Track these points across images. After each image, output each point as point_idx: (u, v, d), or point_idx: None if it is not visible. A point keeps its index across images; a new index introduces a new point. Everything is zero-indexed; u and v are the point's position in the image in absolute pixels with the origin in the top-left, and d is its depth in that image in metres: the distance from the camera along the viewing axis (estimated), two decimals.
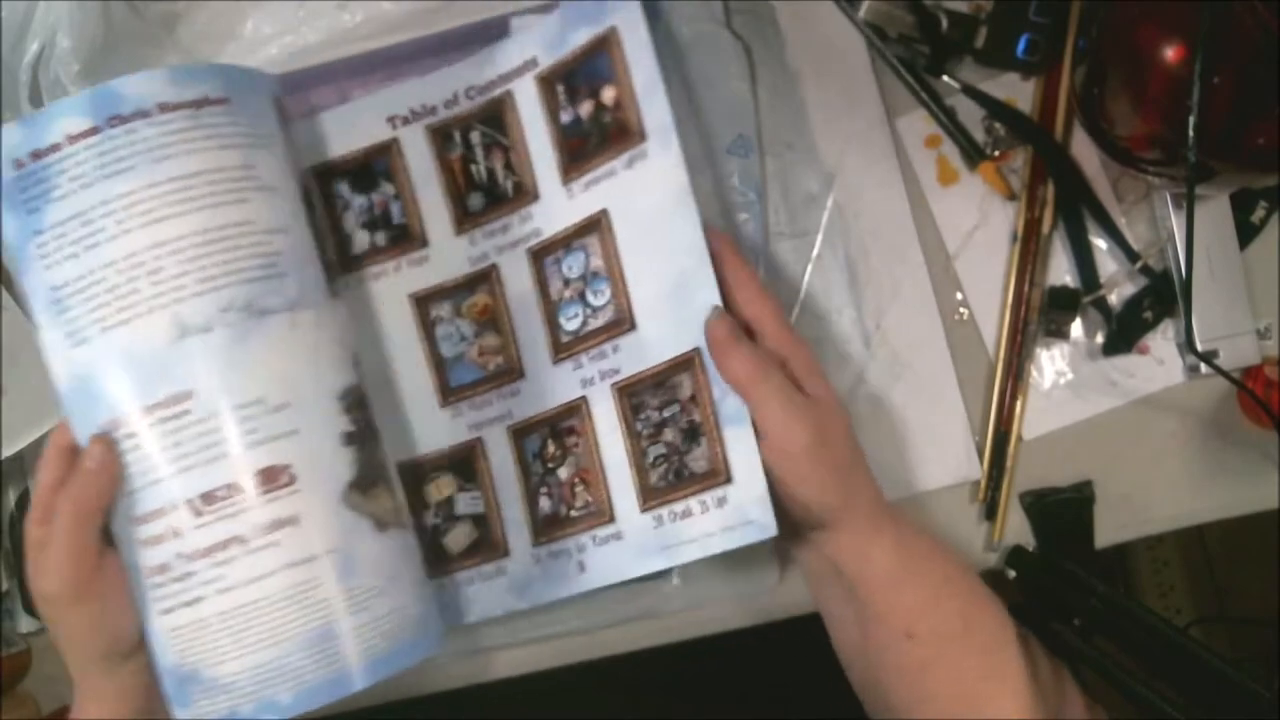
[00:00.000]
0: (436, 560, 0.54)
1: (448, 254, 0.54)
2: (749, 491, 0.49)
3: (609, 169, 0.51)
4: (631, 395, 0.51)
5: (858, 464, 0.46)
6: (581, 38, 0.51)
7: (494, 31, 0.55)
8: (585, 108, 0.51)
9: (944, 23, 0.52)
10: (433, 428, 0.54)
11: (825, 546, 0.46)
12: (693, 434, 0.50)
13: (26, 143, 0.44)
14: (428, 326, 0.54)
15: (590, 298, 0.52)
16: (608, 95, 0.51)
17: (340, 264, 0.54)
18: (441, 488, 0.54)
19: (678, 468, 0.51)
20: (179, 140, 0.43)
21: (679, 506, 0.50)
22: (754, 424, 0.46)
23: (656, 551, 0.51)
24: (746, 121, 0.54)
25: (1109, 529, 0.54)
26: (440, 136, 0.54)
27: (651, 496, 0.51)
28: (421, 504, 0.54)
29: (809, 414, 0.44)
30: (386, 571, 0.46)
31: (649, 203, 0.50)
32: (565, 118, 0.52)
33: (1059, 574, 0.52)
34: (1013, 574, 0.54)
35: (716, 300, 0.48)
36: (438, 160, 0.54)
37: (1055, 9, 0.52)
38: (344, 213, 0.55)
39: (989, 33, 0.52)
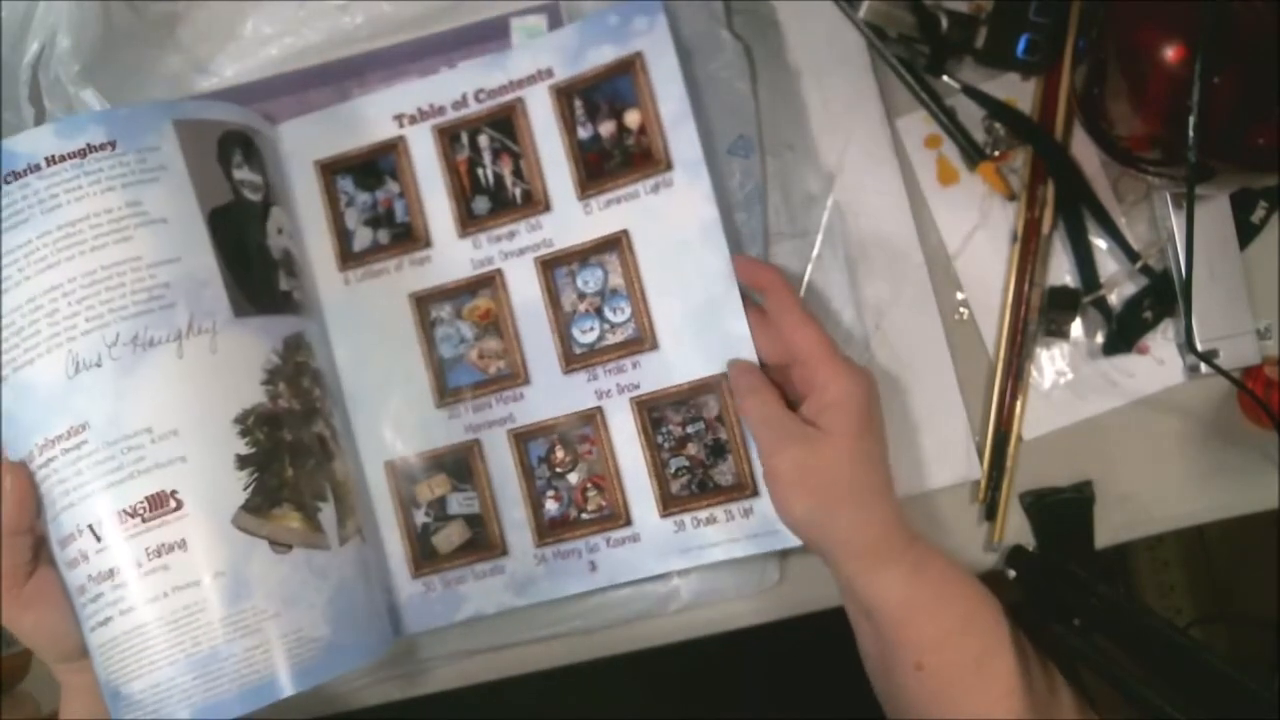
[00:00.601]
0: (425, 558, 0.54)
1: (450, 256, 0.54)
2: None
3: (631, 191, 0.52)
4: (652, 410, 0.52)
5: (855, 497, 0.46)
6: (604, 56, 0.52)
7: (494, 31, 0.55)
8: (606, 127, 0.52)
9: (944, 23, 0.52)
10: (428, 427, 0.54)
11: (835, 570, 0.47)
12: (719, 450, 0.52)
13: None
14: (427, 327, 0.54)
15: (609, 314, 0.53)
16: (631, 119, 0.52)
17: (341, 259, 0.55)
18: (434, 487, 0.54)
19: (701, 479, 0.52)
20: (65, 189, 0.46)
21: (703, 514, 0.52)
22: None
23: (676, 553, 0.52)
24: (747, 121, 0.54)
25: (1109, 529, 0.54)
26: (447, 137, 0.54)
27: (672, 504, 0.52)
28: (412, 502, 0.54)
29: (794, 444, 0.46)
30: (284, 594, 0.46)
31: (675, 230, 0.51)
32: (583, 133, 0.52)
33: (1059, 574, 0.52)
34: (1013, 574, 0.54)
35: (744, 329, 0.51)
36: (444, 161, 0.54)
37: (1055, 9, 0.52)
38: (347, 208, 0.55)
39: (989, 33, 0.52)
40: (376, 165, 0.55)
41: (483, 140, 0.53)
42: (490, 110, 0.53)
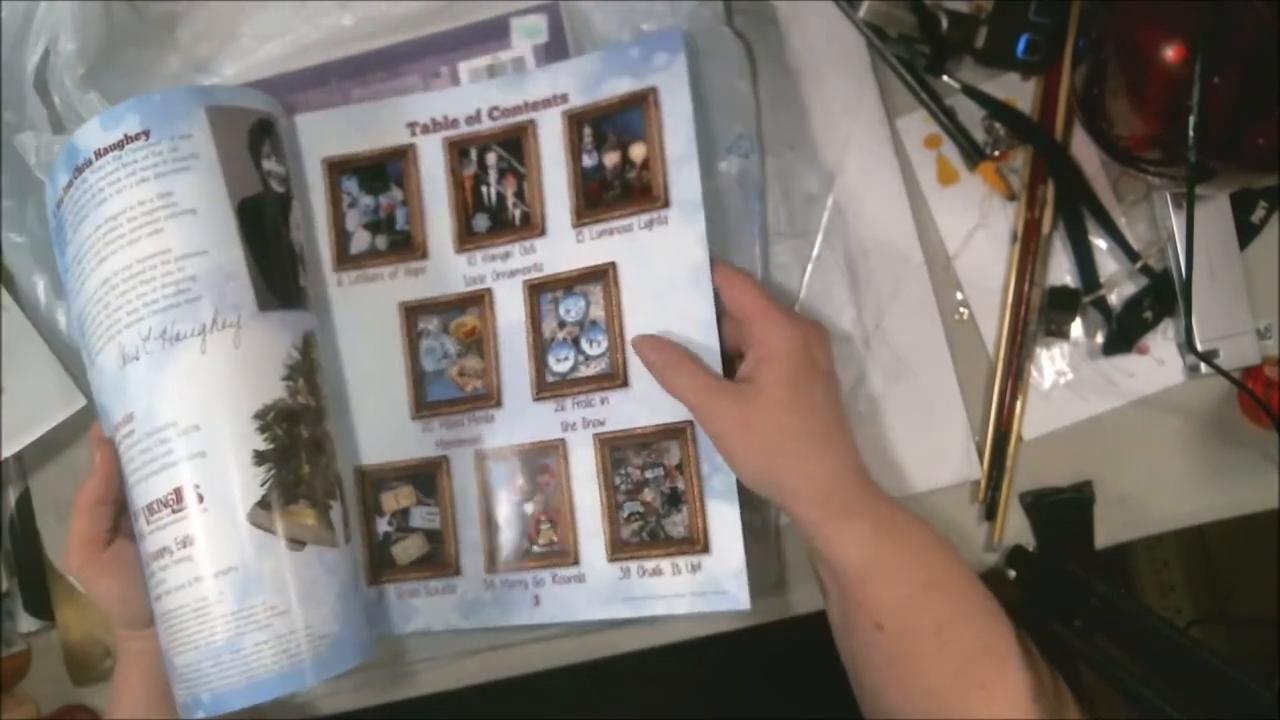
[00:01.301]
0: (382, 566, 0.54)
1: (445, 270, 0.54)
2: (726, 564, 0.50)
3: (625, 224, 0.51)
4: (614, 449, 0.52)
5: (801, 446, 0.46)
6: (620, 86, 0.51)
7: (493, 31, 0.55)
8: (610, 158, 0.51)
9: (944, 23, 0.52)
10: (401, 437, 0.54)
11: (797, 524, 0.47)
12: (674, 500, 0.51)
13: (52, 197, 0.50)
14: (413, 338, 0.54)
15: (585, 345, 0.52)
16: (636, 152, 0.51)
17: (336, 260, 0.54)
18: (400, 497, 0.54)
19: (653, 528, 0.51)
20: (108, 182, 0.47)
21: (649, 564, 0.51)
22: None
23: (619, 601, 0.51)
24: (747, 121, 0.54)
25: (1109, 529, 0.54)
26: (457, 151, 0.53)
27: (621, 549, 0.51)
28: (377, 510, 0.54)
29: (728, 402, 0.46)
30: (296, 590, 0.47)
31: (663, 269, 0.50)
32: (588, 161, 0.52)
33: (1059, 574, 0.52)
34: (1013, 574, 0.54)
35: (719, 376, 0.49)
36: (450, 175, 0.53)
37: (1055, 9, 0.52)
38: (349, 210, 0.54)
39: (989, 33, 0.52)
40: (384, 170, 0.54)
41: (490, 158, 0.53)
42: (503, 129, 0.53)
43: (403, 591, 0.54)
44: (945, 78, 0.54)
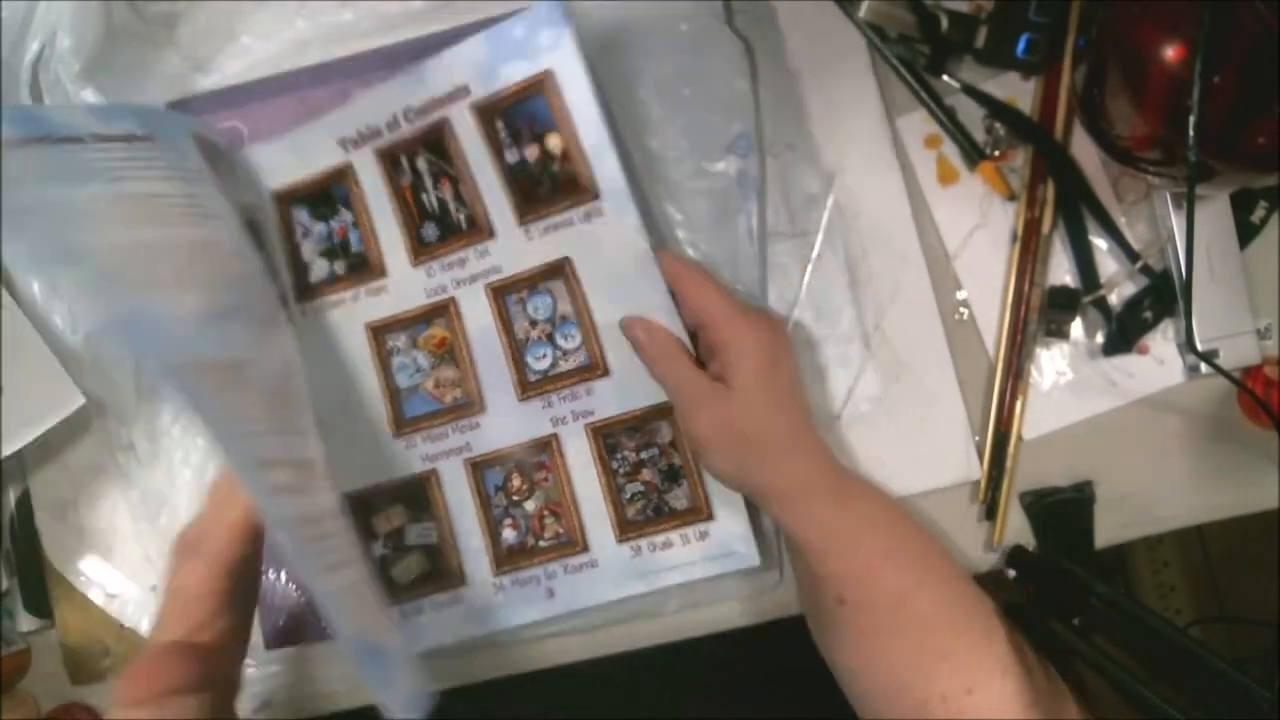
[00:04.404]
0: (384, 590, 0.53)
1: (405, 285, 0.53)
2: (731, 528, 0.51)
3: (566, 218, 0.50)
4: (606, 436, 0.52)
5: (770, 445, 0.47)
6: (515, 73, 0.48)
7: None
8: (531, 151, 0.49)
9: (944, 23, 0.52)
10: (385, 458, 0.53)
11: (767, 513, 0.48)
12: (672, 475, 0.51)
13: None
14: (384, 357, 0.53)
15: (560, 340, 0.52)
16: (553, 143, 0.49)
17: (297, 291, 0.54)
18: (391, 519, 0.54)
19: (657, 504, 0.52)
20: (125, 166, 0.43)
21: (659, 538, 0.52)
22: None
23: (633, 578, 0.52)
24: (747, 120, 0.54)
25: (1109, 529, 0.54)
26: (388, 161, 0.52)
27: (629, 529, 0.52)
28: (370, 534, 0.54)
29: (707, 403, 0.47)
30: None
31: (612, 260, 0.50)
32: (510, 157, 0.50)
33: (1059, 574, 0.52)
34: (1012, 574, 0.54)
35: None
36: (389, 186, 0.52)
37: (1055, 9, 0.52)
38: (303, 240, 0.54)
39: (989, 33, 0.52)
40: (330, 194, 0.53)
41: (421, 164, 0.51)
42: (422, 131, 0.50)
43: (407, 612, 0.54)
44: (945, 78, 0.54)
